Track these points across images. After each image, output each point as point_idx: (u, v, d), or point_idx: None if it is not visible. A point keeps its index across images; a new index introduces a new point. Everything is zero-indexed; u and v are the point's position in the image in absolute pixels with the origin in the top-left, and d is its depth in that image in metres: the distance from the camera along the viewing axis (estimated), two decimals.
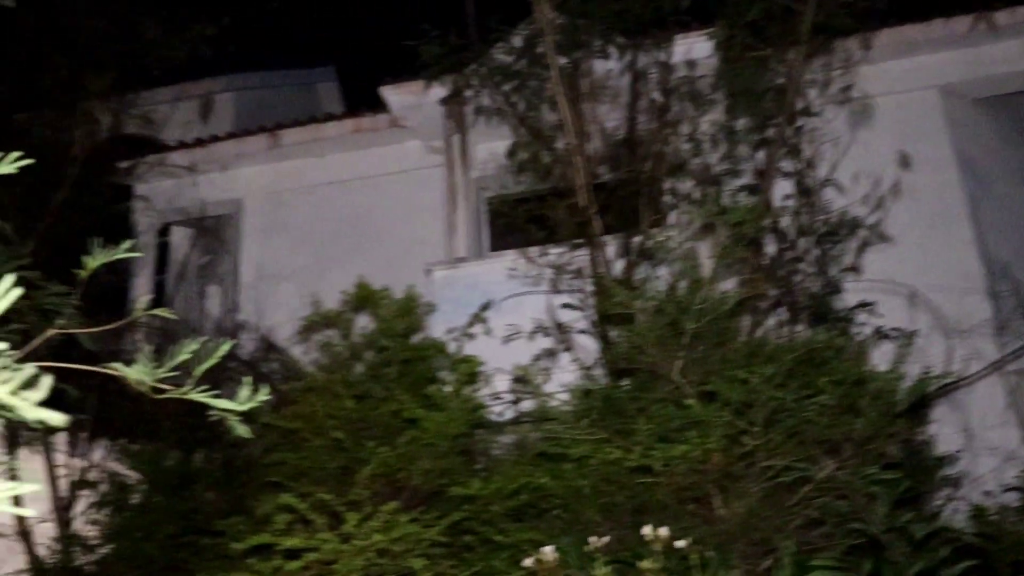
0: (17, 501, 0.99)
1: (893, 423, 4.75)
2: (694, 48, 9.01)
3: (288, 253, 11.79)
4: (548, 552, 4.14)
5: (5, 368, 0.92)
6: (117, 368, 1.69)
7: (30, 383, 0.90)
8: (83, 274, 2.05)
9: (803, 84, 8.27)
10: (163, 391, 1.74)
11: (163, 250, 12.59)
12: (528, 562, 4.20)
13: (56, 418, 0.92)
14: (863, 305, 7.78)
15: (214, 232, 12.37)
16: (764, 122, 8.23)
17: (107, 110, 10.65)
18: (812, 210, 8.12)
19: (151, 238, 12.38)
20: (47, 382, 0.92)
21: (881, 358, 5.82)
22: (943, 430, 7.63)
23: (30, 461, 8.38)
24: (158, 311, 2.22)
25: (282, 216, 12.19)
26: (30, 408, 0.89)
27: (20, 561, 7.87)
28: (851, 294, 7.94)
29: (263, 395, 1.79)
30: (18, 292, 0.89)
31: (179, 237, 12.53)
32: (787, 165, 8.27)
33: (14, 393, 0.88)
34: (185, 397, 1.76)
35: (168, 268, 12.38)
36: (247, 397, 1.77)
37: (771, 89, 8.20)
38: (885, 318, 7.79)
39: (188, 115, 12.40)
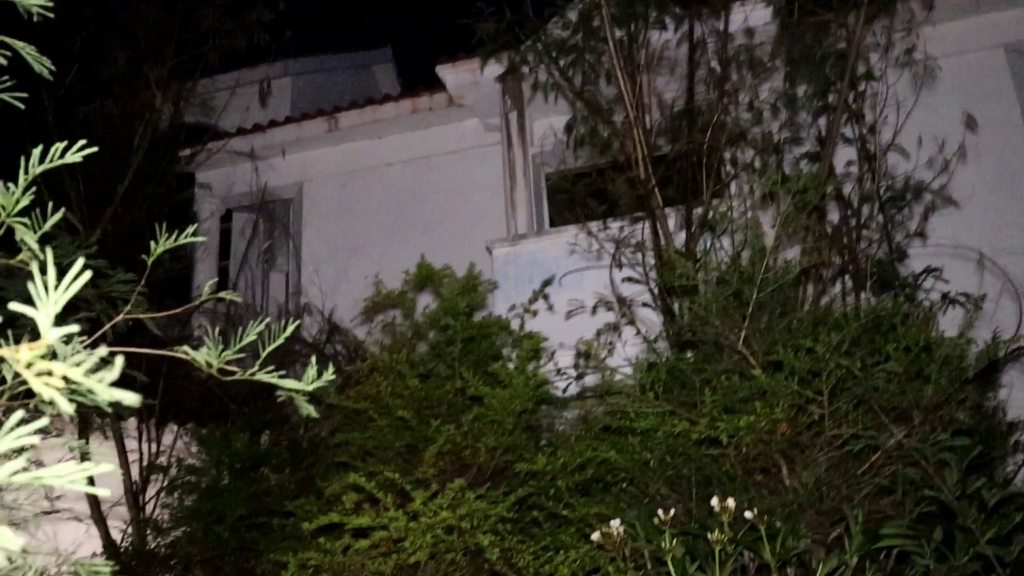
0: (92, 485, 1.00)
1: (963, 389, 4.68)
2: (752, 15, 8.90)
3: (350, 235, 11.88)
4: (615, 526, 4.14)
5: (78, 352, 0.93)
6: (186, 351, 1.71)
7: (102, 366, 0.92)
8: (149, 260, 2.08)
9: (864, 48, 8.11)
10: (231, 373, 1.76)
11: (226, 236, 12.75)
12: (595, 536, 4.20)
13: (130, 398, 0.94)
14: (930, 271, 7.65)
15: (276, 216, 12.50)
16: (825, 88, 8.10)
17: (167, 99, 10.77)
18: (876, 176, 7.99)
19: (214, 224, 12.55)
20: (119, 363, 0.93)
21: (949, 323, 5.74)
22: (1014, 395, 7.50)
23: (102, 447, 8.52)
24: (224, 294, 2.24)
25: (343, 198, 12.28)
26: (104, 389, 0.90)
27: (96, 544, 8.03)
28: (917, 260, 7.81)
29: (328, 376, 1.81)
30: (88, 275, 0.91)
31: (241, 223, 12.66)
32: (849, 131, 8.12)
33: (88, 375, 0.89)
34: (253, 379, 1.78)
35: (231, 254, 12.53)
36: (313, 377, 1.78)
37: (831, 54, 8.06)
38: (952, 283, 7.67)
39: (247, 101, 12.51)
